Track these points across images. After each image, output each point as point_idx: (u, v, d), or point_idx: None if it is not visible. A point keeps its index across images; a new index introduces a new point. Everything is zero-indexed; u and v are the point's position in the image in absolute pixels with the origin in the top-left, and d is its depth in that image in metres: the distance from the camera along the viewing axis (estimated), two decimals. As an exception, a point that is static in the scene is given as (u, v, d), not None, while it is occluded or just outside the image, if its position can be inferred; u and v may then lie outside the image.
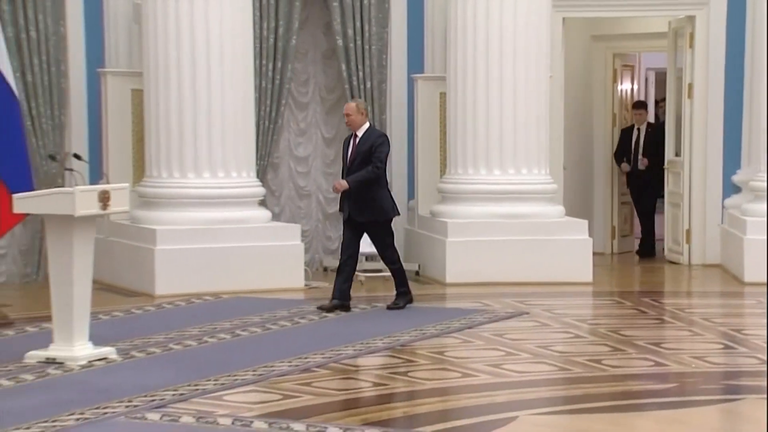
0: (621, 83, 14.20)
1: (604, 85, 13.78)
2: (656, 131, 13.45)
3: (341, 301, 9.35)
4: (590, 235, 11.35)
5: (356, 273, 11.07)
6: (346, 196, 9.42)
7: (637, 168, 13.22)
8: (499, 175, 11.04)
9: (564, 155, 12.42)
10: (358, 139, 9.41)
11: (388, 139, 9.83)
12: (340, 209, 9.79)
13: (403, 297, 9.58)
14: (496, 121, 10.95)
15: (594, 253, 11.38)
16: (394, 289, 9.66)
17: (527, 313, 9.39)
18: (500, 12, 10.82)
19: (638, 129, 13.40)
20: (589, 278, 10.96)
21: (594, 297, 10.71)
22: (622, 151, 13.39)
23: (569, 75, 12.72)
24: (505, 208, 10.95)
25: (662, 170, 12.89)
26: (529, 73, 10.93)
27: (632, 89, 14.89)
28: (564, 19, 12.26)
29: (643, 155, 13.16)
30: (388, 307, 9.55)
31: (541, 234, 10.91)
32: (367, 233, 9.56)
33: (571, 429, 6.07)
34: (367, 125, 9.49)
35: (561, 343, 8.42)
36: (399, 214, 9.85)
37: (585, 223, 11.44)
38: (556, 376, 7.39)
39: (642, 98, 16.02)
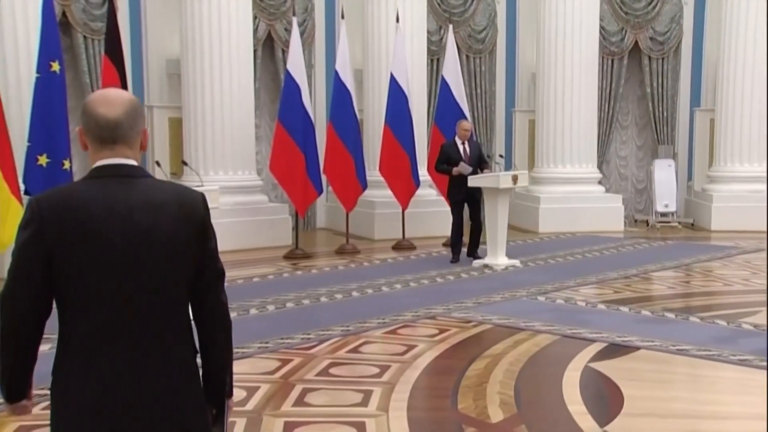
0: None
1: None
2: None
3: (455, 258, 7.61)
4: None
5: (654, 222, 10.42)
6: (462, 186, 7.26)
7: None
8: (748, 166, 9.88)
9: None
10: (466, 145, 7.42)
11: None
12: (456, 198, 7.47)
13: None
14: (746, 133, 9.81)
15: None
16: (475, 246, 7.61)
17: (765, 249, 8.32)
18: (753, 68, 9.67)
19: None
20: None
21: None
22: None
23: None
24: (751, 186, 9.76)
25: None
26: (771, 104, 9.64)
27: None
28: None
29: None
30: (474, 258, 7.53)
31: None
32: (475, 204, 7.45)
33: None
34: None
35: (789, 269, 7.42)
36: None
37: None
38: (786, 289, 6.54)
39: None
